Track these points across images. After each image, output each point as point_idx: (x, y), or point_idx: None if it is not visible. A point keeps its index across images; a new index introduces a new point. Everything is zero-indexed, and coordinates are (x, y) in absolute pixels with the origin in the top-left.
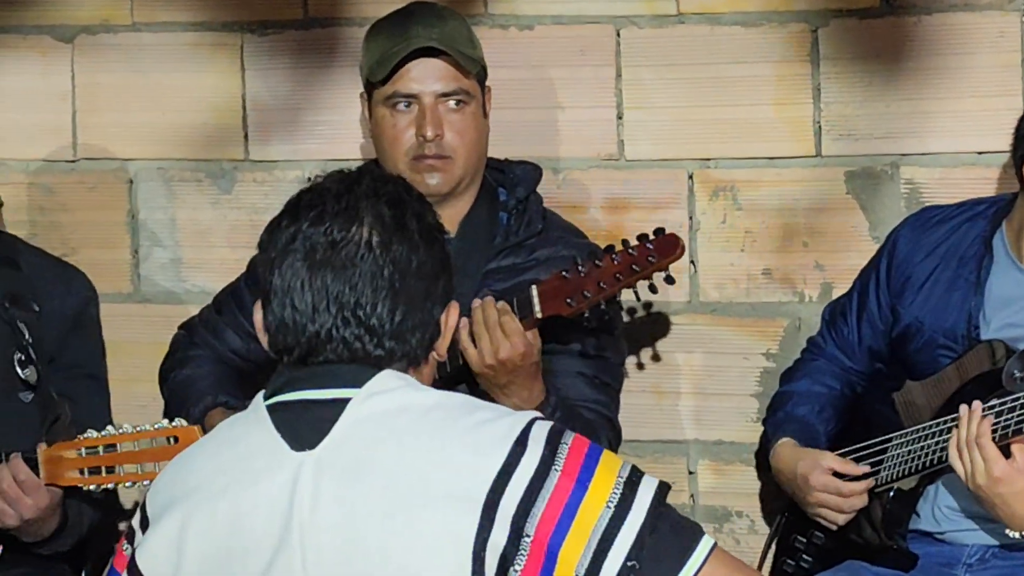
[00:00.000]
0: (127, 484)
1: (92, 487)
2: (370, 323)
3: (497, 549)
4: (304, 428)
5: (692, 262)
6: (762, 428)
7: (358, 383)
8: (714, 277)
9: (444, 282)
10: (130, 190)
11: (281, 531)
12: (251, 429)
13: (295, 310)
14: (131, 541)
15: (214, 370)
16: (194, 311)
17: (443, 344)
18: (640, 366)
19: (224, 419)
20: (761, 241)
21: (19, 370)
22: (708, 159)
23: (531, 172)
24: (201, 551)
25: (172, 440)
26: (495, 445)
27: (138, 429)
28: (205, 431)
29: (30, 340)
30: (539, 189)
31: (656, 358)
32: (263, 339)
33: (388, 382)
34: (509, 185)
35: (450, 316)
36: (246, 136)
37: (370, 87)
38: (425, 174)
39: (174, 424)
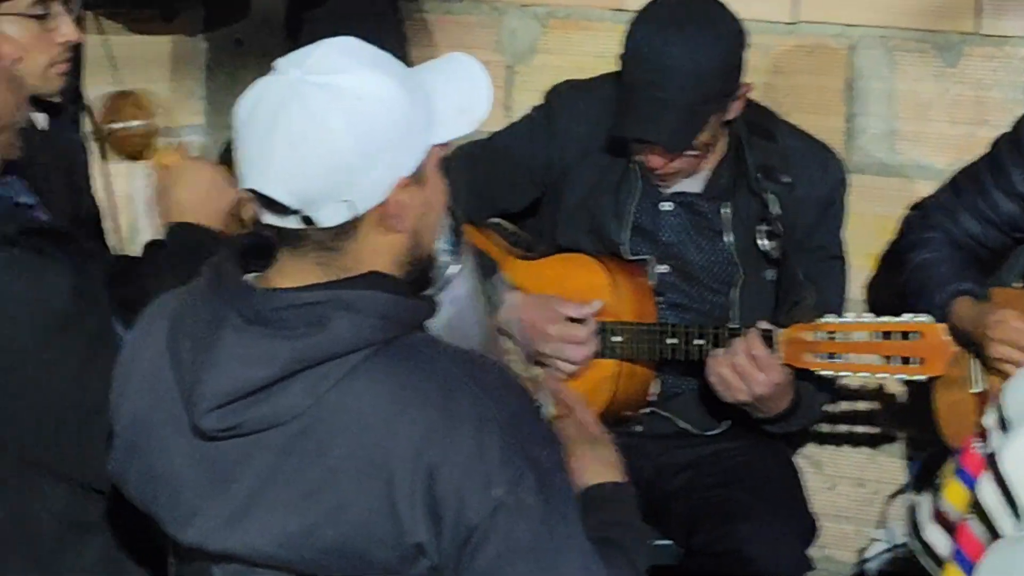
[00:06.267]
0: (862, 374)
1: (825, 372)
2: None
3: None
4: None
5: None
6: None
7: None
8: None
9: None
10: (850, 57)
11: None
12: None
13: None
14: (983, 440)
15: (952, 255)
16: (908, 185)
17: None
18: None
19: (971, 308)
20: None
21: (760, 241)
22: None
23: None
24: None
25: (916, 335)
26: None
27: (880, 320)
28: (949, 319)
29: (778, 213)
30: None
31: None
32: None
33: None
34: None
35: None
36: (979, 9)
37: None
38: None
39: (919, 319)
